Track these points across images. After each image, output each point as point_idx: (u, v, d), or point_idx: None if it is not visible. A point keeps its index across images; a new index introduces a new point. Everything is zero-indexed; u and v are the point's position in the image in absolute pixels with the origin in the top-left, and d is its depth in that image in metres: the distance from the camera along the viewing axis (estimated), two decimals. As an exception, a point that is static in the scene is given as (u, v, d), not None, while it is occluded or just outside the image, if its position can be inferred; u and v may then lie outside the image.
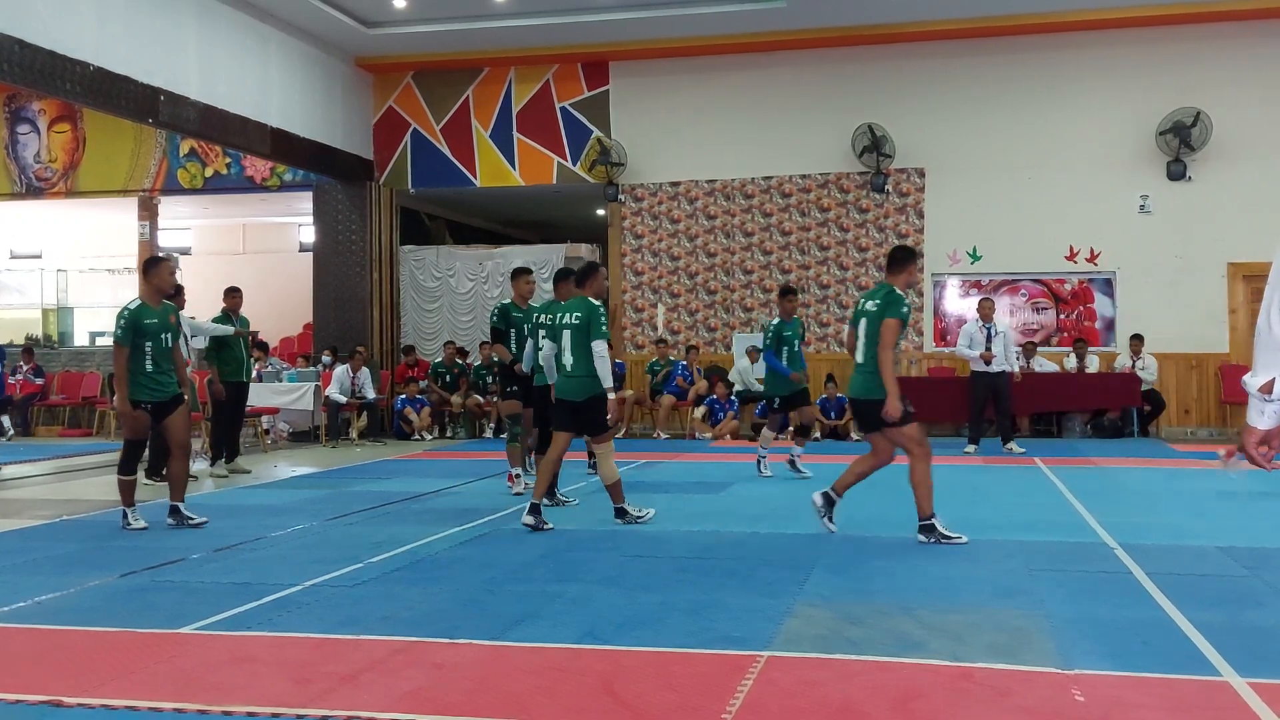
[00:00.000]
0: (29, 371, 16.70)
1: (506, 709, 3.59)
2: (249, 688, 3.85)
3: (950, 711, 3.53)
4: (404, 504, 8.46)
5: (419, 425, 14.85)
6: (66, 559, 6.34)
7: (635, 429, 15.22)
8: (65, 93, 10.64)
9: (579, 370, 7.26)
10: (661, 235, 15.78)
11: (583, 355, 7.25)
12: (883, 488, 9.05)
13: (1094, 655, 4.08)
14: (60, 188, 17.41)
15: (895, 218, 15.05)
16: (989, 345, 11.97)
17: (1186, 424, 14.25)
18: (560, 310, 7.52)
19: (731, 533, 6.95)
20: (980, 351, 11.98)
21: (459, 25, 14.63)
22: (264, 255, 20.72)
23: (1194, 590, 5.16)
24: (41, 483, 10.63)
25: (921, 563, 5.92)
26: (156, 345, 7.41)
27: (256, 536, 7.04)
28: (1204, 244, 14.10)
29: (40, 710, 3.64)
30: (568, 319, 7.31)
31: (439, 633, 4.51)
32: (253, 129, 13.47)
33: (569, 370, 7.31)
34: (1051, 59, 14.57)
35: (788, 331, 9.85)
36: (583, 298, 7.41)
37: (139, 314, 7.38)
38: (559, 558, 6.16)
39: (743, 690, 3.72)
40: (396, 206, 16.69)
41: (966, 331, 12.33)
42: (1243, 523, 7.22)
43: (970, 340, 12.16)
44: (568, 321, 7.30)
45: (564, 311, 7.42)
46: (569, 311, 7.37)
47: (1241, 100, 14.01)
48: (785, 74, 15.30)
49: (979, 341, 12.05)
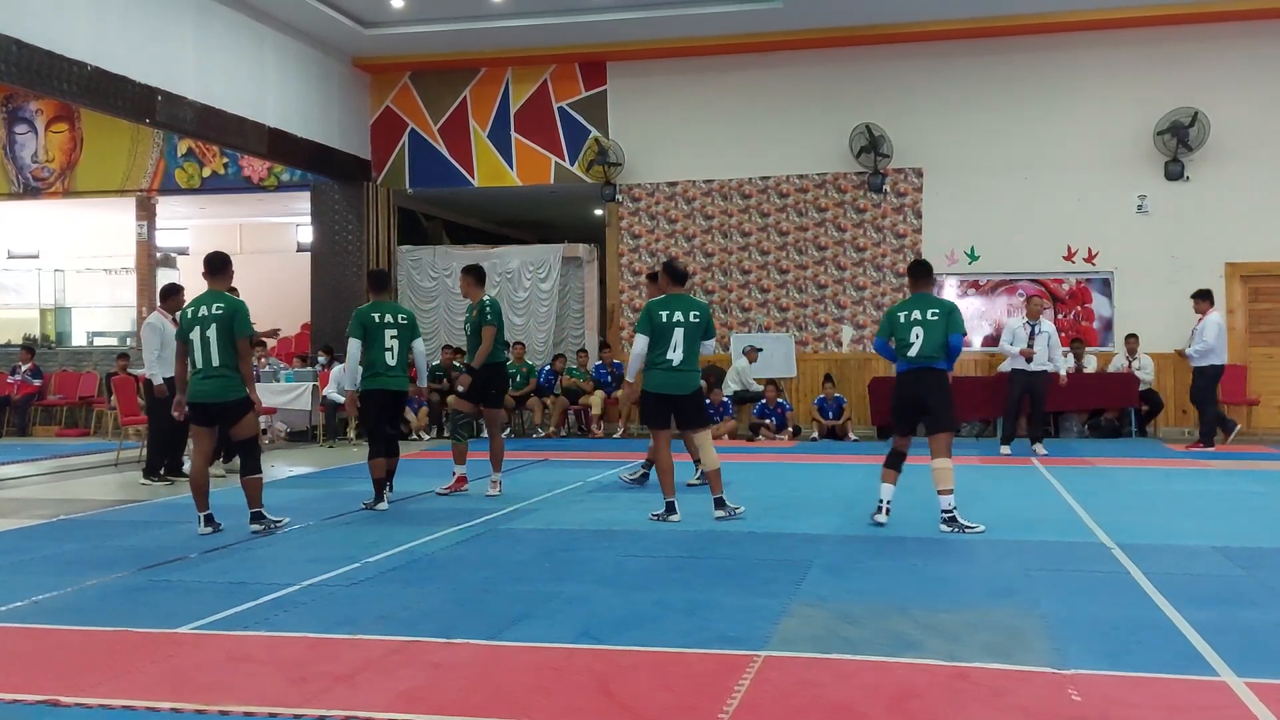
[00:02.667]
0: (27, 372, 16.69)
1: (503, 709, 3.59)
2: (246, 687, 3.85)
3: (947, 711, 3.53)
4: (400, 504, 8.46)
5: (416, 425, 14.85)
6: (64, 559, 6.34)
7: (633, 429, 15.22)
8: (62, 93, 10.64)
9: (689, 365, 7.40)
10: (659, 235, 15.78)
11: (694, 352, 7.42)
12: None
13: (1090, 655, 4.09)
14: (58, 188, 17.40)
15: (893, 217, 15.05)
16: (1031, 342, 11.84)
17: (1184, 424, 14.25)
18: (678, 307, 7.45)
19: (728, 532, 6.95)
20: (1021, 348, 11.86)
21: (456, 25, 14.63)
22: (261, 255, 20.69)
23: (1190, 590, 5.16)
24: (39, 482, 10.62)
25: (918, 563, 5.93)
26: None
27: (254, 536, 7.03)
28: (1202, 244, 14.12)
29: (38, 710, 3.64)
30: (686, 316, 7.38)
31: (435, 632, 4.51)
32: (250, 129, 13.46)
33: (677, 365, 7.36)
34: (1049, 59, 14.58)
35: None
36: (690, 296, 7.69)
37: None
38: (555, 557, 6.16)
39: (739, 690, 3.72)
40: (394, 206, 16.69)
41: (1010, 328, 12.16)
42: (1239, 523, 7.22)
43: (1013, 337, 11.99)
44: (686, 320, 7.37)
45: (683, 309, 7.42)
46: (689, 309, 7.42)
47: (1240, 100, 14.03)
48: (783, 74, 15.30)
49: (1021, 338, 11.88)
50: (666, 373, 7.35)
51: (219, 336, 6.97)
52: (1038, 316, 12.05)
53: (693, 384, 7.47)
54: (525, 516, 7.71)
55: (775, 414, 14.19)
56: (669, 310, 7.38)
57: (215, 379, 7.00)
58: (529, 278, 16.28)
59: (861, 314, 15.15)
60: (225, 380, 7.01)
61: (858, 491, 8.82)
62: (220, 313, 7.00)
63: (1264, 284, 14.16)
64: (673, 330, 7.32)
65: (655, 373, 7.39)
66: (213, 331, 6.97)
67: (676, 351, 7.32)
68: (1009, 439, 12.06)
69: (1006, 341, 12.11)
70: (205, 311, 7.01)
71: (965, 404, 13.46)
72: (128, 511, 8.34)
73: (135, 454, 12.17)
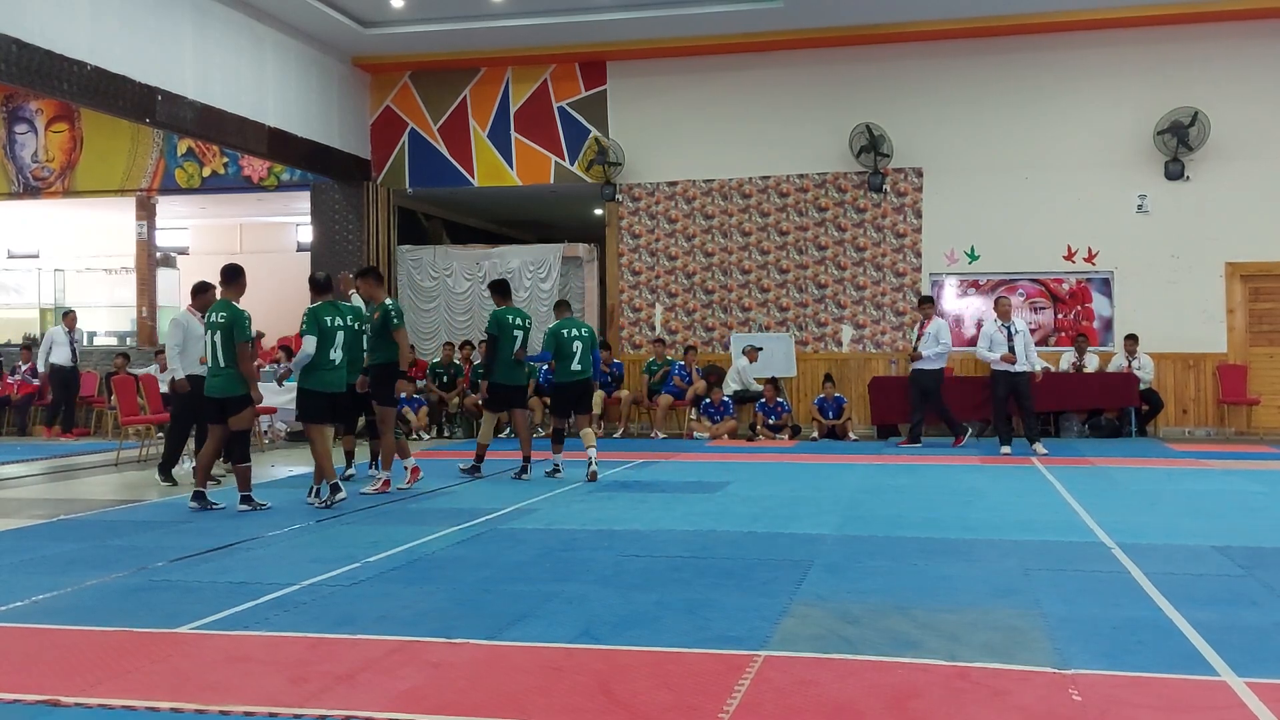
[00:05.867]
0: (27, 372, 16.68)
1: (503, 708, 3.59)
2: (245, 687, 3.85)
3: (947, 711, 3.53)
4: (400, 503, 8.46)
5: (416, 425, 14.85)
6: (63, 559, 6.33)
7: (633, 429, 15.22)
8: (62, 93, 10.63)
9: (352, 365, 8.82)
10: (659, 235, 15.78)
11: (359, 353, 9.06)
12: (883, 489, 9.07)
13: (1091, 655, 4.08)
14: (57, 187, 17.40)
15: (893, 217, 15.05)
16: (1010, 346, 11.86)
17: (1184, 424, 14.26)
18: (335, 313, 8.56)
19: (728, 532, 6.95)
20: (1002, 353, 11.89)
21: (456, 25, 14.62)
22: (261, 255, 20.68)
23: (1191, 590, 5.16)
24: (38, 482, 10.61)
25: (918, 562, 5.92)
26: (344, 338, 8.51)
27: (253, 536, 7.04)
28: (1202, 244, 14.12)
29: (37, 710, 3.64)
30: (344, 320, 8.55)
31: (435, 632, 4.51)
32: (250, 129, 13.46)
33: (339, 364, 8.54)
34: (1049, 59, 14.58)
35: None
36: (343, 303, 9.03)
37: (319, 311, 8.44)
38: (555, 557, 6.16)
39: (739, 689, 3.72)
40: (394, 206, 16.68)
41: (986, 333, 12.20)
42: (1239, 522, 7.22)
43: (990, 342, 12.02)
44: (345, 324, 8.55)
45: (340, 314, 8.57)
46: (345, 314, 8.59)
47: (1239, 100, 14.03)
48: (782, 74, 15.30)
49: (1000, 342, 11.91)
50: (329, 371, 8.42)
51: (223, 341, 8.07)
52: (1009, 317, 12.08)
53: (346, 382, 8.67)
54: (525, 516, 7.71)
55: (774, 413, 14.20)
56: (332, 315, 8.49)
57: (220, 376, 8.14)
58: (529, 278, 16.28)
59: (861, 314, 15.14)
60: (228, 378, 8.12)
61: (858, 491, 8.83)
62: (224, 320, 8.12)
63: (1264, 284, 14.16)
64: (335, 333, 8.43)
65: (320, 372, 8.40)
66: (219, 337, 8.08)
67: (338, 352, 8.45)
68: (1007, 439, 12.07)
69: (984, 347, 12.13)
70: (214, 318, 8.20)
71: (965, 404, 13.48)
72: (128, 511, 8.34)
73: (135, 454, 12.17)
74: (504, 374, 10.02)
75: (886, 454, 11.94)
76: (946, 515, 7.58)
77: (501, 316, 10.03)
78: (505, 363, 9.98)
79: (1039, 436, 12.02)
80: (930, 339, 12.33)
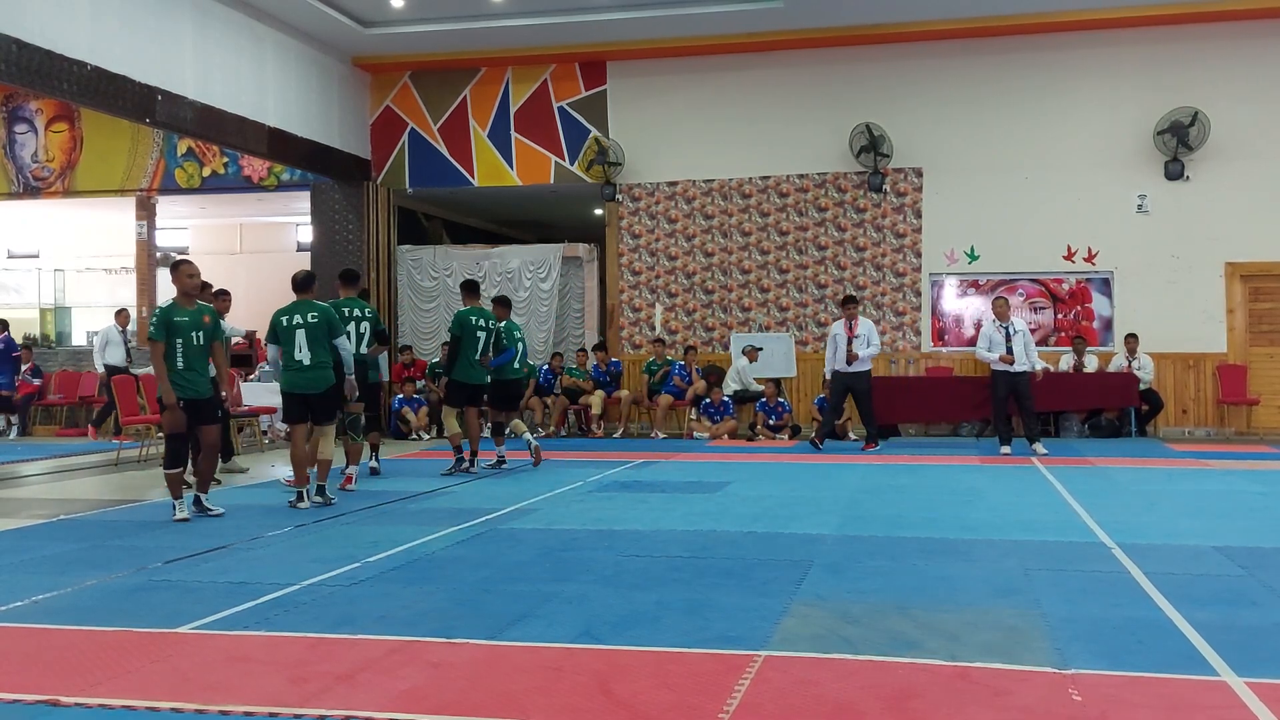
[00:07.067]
0: (27, 372, 16.68)
1: (503, 708, 3.59)
2: (245, 687, 3.85)
3: (947, 711, 3.53)
4: (400, 503, 8.46)
5: (416, 425, 14.86)
6: (63, 558, 6.33)
7: (633, 429, 15.22)
8: (62, 92, 10.63)
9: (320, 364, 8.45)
10: (659, 235, 15.78)
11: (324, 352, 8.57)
12: (883, 489, 9.07)
13: (1091, 655, 4.08)
14: (57, 187, 17.40)
15: (893, 217, 15.05)
16: (1009, 346, 11.84)
17: (1184, 424, 14.26)
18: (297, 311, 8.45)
19: (728, 532, 6.95)
20: (1000, 354, 11.86)
21: (456, 25, 14.62)
22: (261, 255, 20.71)
23: (1191, 590, 5.16)
24: (38, 482, 10.62)
25: (918, 562, 5.92)
26: (187, 344, 7.73)
27: (253, 536, 7.03)
28: (1202, 244, 14.12)
29: (37, 709, 3.64)
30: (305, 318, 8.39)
31: (435, 632, 4.51)
32: (250, 128, 13.46)
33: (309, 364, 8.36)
34: (1049, 59, 14.58)
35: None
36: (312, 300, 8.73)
37: (169, 312, 7.75)
38: (555, 557, 6.16)
39: (739, 689, 3.72)
40: (394, 206, 16.68)
41: (985, 334, 12.17)
42: (1239, 522, 7.22)
43: (989, 343, 11.99)
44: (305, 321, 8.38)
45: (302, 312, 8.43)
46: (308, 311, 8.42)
47: (1239, 100, 14.03)
48: (782, 74, 15.30)
49: (998, 343, 11.88)
50: (297, 373, 8.32)
51: (205, 342, 7.88)
52: (1007, 317, 12.06)
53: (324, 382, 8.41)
54: (525, 516, 7.71)
55: (775, 413, 14.20)
56: (289, 315, 8.41)
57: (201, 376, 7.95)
58: (529, 277, 16.28)
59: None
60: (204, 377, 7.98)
61: (858, 492, 8.83)
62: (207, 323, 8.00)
63: (1264, 284, 14.16)
64: (294, 333, 8.33)
65: (286, 374, 8.39)
66: (202, 337, 7.85)
67: (303, 352, 8.32)
68: (1006, 439, 12.06)
69: (983, 348, 12.11)
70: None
71: (965, 404, 13.48)
72: (128, 511, 8.33)
73: (135, 454, 12.17)
74: (463, 372, 10.23)
75: (887, 454, 11.94)
76: (946, 515, 7.58)
77: (465, 317, 10.24)
78: (466, 361, 10.17)
79: (1039, 436, 12.00)
80: (862, 340, 12.32)
